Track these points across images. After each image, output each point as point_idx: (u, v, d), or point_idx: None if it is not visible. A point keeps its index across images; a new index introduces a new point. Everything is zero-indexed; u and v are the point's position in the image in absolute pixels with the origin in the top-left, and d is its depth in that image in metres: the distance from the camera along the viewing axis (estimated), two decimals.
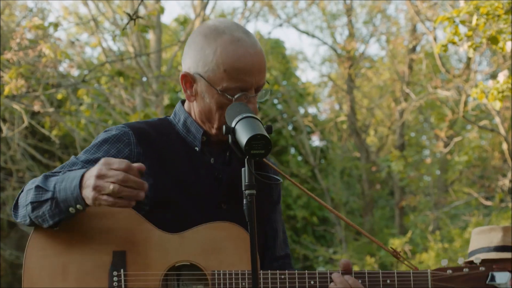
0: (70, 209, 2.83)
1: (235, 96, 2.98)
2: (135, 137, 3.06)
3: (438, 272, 3.05)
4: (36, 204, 2.88)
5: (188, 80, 3.09)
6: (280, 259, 3.32)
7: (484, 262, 3.07)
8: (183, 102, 3.24)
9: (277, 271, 2.99)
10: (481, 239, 4.60)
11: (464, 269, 3.04)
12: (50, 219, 2.87)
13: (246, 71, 2.99)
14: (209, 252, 2.98)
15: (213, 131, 3.10)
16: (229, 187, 3.11)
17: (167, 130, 3.16)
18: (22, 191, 2.98)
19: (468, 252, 4.66)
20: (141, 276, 2.95)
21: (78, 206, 2.81)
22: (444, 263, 3.07)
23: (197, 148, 3.12)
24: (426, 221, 20.04)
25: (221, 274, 2.96)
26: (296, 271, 2.99)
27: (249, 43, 3.05)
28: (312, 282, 2.99)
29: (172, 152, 3.10)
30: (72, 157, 3.10)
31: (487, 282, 3.01)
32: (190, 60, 3.09)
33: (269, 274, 2.97)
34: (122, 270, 2.93)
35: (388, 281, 3.01)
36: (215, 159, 3.14)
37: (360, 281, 2.99)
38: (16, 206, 2.99)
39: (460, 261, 3.10)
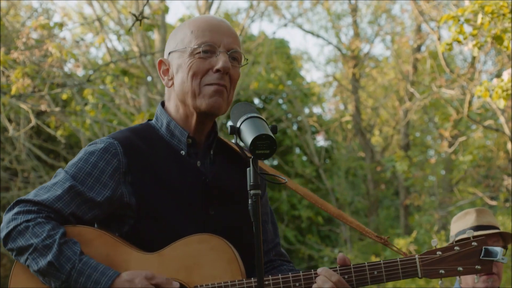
0: None
1: (202, 46, 3.05)
2: (122, 147, 3.05)
3: (426, 256, 2.97)
4: (43, 276, 2.92)
5: (164, 65, 3.18)
6: (271, 251, 3.30)
7: (475, 237, 3.00)
8: (163, 104, 3.24)
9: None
10: (459, 224, 4.68)
11: (455, 248, 2.96)
12: None
13: (212, 29, 3.08)
14: (190, 267, 2.96)
15: (191, 103, 3.08)
16: (216, 190, 3.11)
17: (151, 135, 3.15)
18: (16, 220, 2.95)
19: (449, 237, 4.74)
20: None
21: None
22: (434, 243, 2.98)
23: (183, 152, 3.11)
24: (431, 221, 20.01)
25: None
26: (280, 275, 2.96)
27: (216, 16, 3.24)
28: (297, 284, 2.96)
29: (158, 158, 3.08)
30: (62, 171, 3.07)
31: (481, 257, 2.94)
32: (166, 49, 3.22)
33: (252, 282, 2.93)
34: None
35: (376, 273, 2.96)
36: (201, 162, 3.14)
37: (346, 276, 2.95)
38: (10, 237, 2.97)
39: (434, 243, 2.99)
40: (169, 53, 3.16)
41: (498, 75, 18.50)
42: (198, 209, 3.07)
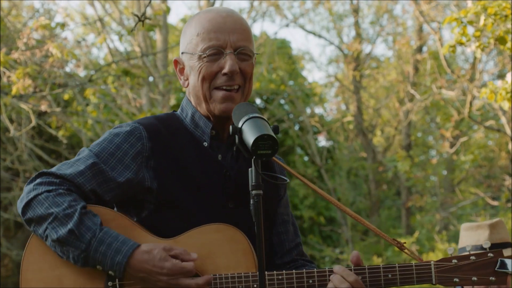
0: (98, 267, 2.90)
1: (207, 52, 3.03)
2: (146, 132, 3.06)
3: (442, 263, 2.97)
4: (61, 245, 2.90)
5: (179, 64, 3.19)
6: (292, 251, 3.31)
7: (492, 247, 3.00)
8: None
9: (274, 272, 2.95)
10: (469, 236, 4.61)
11: (471, 257, 2.96)
12: (72, 261, 2.92)
13: (217, 29, 3.05)
14: (205, 256, 2.95)
15: (205, 107, 3.10)
16: (237, 184, 3.10)
17: (175, 124, 3.16)
18: (37, 190, 2.94)
19: (458, 248, 4.67)
20: (136, 285, 2.93)
21: (110, 272, 2.89)
22: (450, 251, 3.00)
23: (205, 143, 3.12)
24: (432, 221, 20.02)
25: (217, 278, 2.94)
26: (294, 271, 2.96)
27: (222, 9, 3.16)
28: (310, 281, 2.96)
29: (181, 148, 3.09)
30: (85, 149, 3.07)
31: (496, 269, 2.93)
32: (180, 47, 3.21)
33: (266, 275, 2.91)
34: (117, 280, 2.92)
35: (390, 276, 2.95)
36: (222, 156, 3.14)
37: (360, 277, 2.95)
38: (30, 206, 2.95)
39: (450, 251, 3.00)
40: (182, 53, 3.17)
41: (500, 75, 18.50)
42: (217, 201, 3.08)
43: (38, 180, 2.97)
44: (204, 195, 3.06)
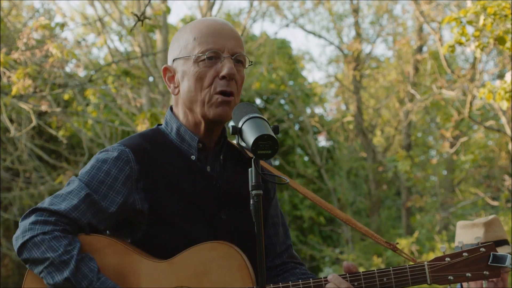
0: None
1: (207, 54, 3.02)
2: (133, 154, 3.05)
3: (435, 263, 2.98)
4: None
5: (169, 72, 3.17)
6: (283, 253, 3.32)
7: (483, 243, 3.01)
8: (171, 109, 3.24)
9: (271, 285, 2.97)
10: (465, 234, 4.62)
11: (463, 254, 2.97)
12: None
13: (215, 34, 3.06)
14: (201, 275, 2.96)
15: (199, 111, 3.08)
16: (227, 195, 3.11)
17: (161, 140, 3.15)
18: (33, 230, 2.93)
19: (454, 246, 4.68)
20: None
21: None
22: (443, 249, 3.00)
23: (193, 157, 3.11)
24: (432, 221, 20.01)
25: None
26: (290, 283, 2.97)
27: (217, 18, 3.16)
28: None
29: (169, 164, 3.08)
30: (75, 179, 3.07)
31: (489, 263, 2.95)
32: (169, 55, 3.19)
33: None
34: None
35: (385, 279, 2.97)
36: (211, 167, 3.14)
37: (356, 283, 2.96)
38: (25, 247, 2.94)
39: (442, 249, 3.01)
40: (174, 60, 3.14)
41: (500, 75, 18.50)
42: (210, 214, 3.07)
43: (32, 218, 2.95)
44: (196, 209, 3.06)
